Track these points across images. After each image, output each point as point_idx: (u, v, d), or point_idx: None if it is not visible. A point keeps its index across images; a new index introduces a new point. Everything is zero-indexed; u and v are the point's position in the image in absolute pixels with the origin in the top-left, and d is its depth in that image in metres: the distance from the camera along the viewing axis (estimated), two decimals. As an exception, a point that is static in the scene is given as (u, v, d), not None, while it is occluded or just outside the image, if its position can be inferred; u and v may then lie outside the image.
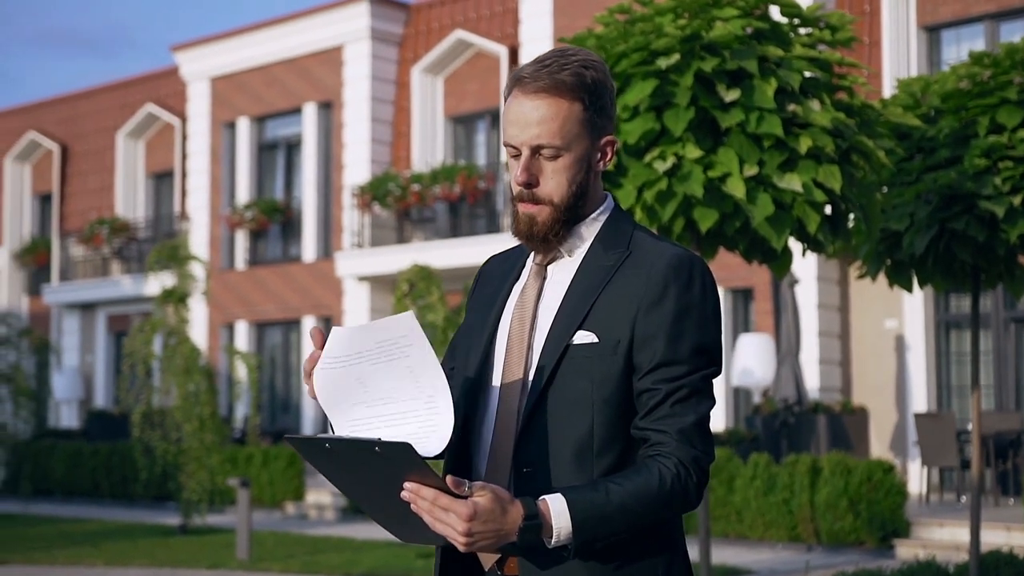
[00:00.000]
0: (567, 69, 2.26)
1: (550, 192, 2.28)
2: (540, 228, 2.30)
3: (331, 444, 2.05)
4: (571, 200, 2.30)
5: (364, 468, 2.06)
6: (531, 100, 2.25)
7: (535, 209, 2.29)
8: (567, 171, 2.28)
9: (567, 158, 2.27)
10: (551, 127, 2.25)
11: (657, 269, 2.25)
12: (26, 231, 27.45)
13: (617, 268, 2.28)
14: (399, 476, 2.04)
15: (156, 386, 15.58)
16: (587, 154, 2.30)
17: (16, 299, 27.24)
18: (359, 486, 2.13)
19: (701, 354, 2.23)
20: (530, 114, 2.25)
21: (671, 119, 6.16)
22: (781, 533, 13.06)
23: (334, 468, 2.12)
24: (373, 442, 2.00)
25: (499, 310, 2.39)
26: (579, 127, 2.27)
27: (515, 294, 2.39)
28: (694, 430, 2.21)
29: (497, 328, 2.38)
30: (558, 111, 2.25)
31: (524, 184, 2.28)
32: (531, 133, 2.25)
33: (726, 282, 16.99)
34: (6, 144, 27.76)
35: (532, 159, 2.28)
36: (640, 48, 6.24)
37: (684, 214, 6.30)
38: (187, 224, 23.52)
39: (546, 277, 2.36)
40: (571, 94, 2.25)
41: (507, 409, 2.29)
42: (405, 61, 21.44)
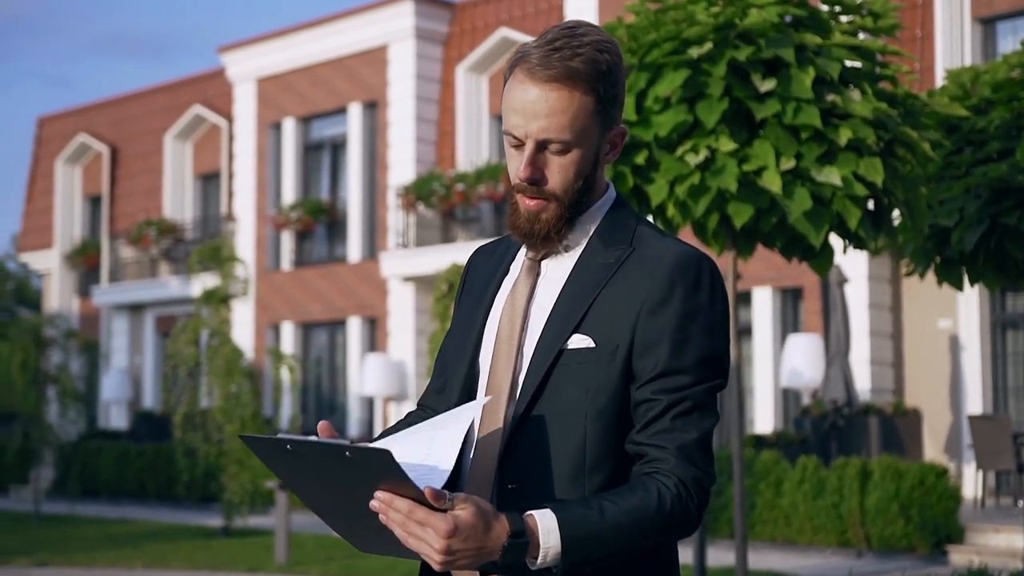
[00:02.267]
0: (580, 55, 2.02)
1: (555, 187, 2.07)
2: (543, 226, 2.08)
3: (293, 446, 1.86)
4: (576, 196, 2.09)
5: (330, 474, 1.87)
6: (539, 88, 2.02)
7: (539, 205, 2.08)
8: (574, 166, 2.06)
9: (576, 153, 2.06)
10: (560, 120, 2.02)
11: (661, 268, 2.03)
12: (77, 233, 27.63)
13: (618, 266, 2.07)
14: (370, 485, 1.84)
15: (198, 387, 15.53)
16: (596, 147, 2.09)
17: (67, 300, 27.43)
18: (321, 493, 1.94)
19: (707, 364, 2.02)
20: (538, 104, 2.01)
21: (704, 111, 5.93)
22: (830, 538, 12.75)
23: (295, 472, 1.93)
24: (344, 446, 1.81)
25: (487, 309, 2.18)
26: (590, 120, 2.05)
27: (504, 291, 2.18)
28: (696, 447, 1.99)
29: (484, 328, 2.17)
30: (569, 103, 2.01)
31: (529, 180, 2.06)
32: (538, 125, 2.02)
33: (775, 281, 16.68)
34: (57, 147, 27.96)
35: (537, 153, 2.05)
36: (671, 37, 6.02)
37: (718, 209, 6.07)
38: (233, 225, 23.54)
39: (540, 274, 2.14)
40: (584, 84, 2.02)
41: (492, 419, 2.08)
42: (450, 60, 21.29)
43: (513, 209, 2.12)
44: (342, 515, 1.94)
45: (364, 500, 1.85)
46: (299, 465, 1.90)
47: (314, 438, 1.86)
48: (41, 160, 28.64)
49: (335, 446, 1.81)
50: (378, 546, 1.95)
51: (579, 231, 2.12)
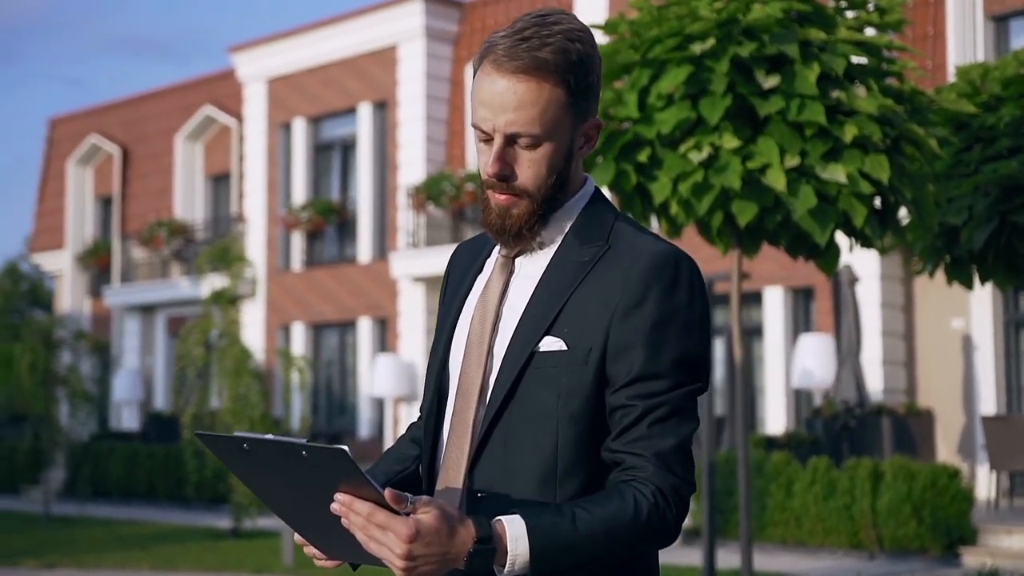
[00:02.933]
0: (549, 44, 1.93)
1: (526, 183, 1.98)
2: (514, 221, 2.00)
3: (249, 445, 1.79)
4: (549, 191, 2.00)
5: (288, 475, 1.80)
6: (506, 80, 1.93)
7: (509, 200, 1.99)
8: (546, 161, 1.97)
9: (547, 147, 1.97)
10: (529, 114, 1.93)
11: (637, 267, 1.95)
12: (88, 234, 27.66)
13: (593, 265, 1.98)
14: (329, 486, 1.77)
15: (207, 388, 15.49)
16: (569, 141, 2.00)
17: (79, 301, 27.45)
18: (282, 495, 1.87)
19: (685, 367, 1.94)
20: (505, 97, 1.93)
21: (707, 107, 5.85)
22: (842, 540, 12.64)
23: (254, 473, 1.86)
24: (300, 445, 1.73)
25: (460, 308, 2.11)
26: (561, 112, 1.96)
27: (477, 289, 2.10)
28: (674, 455, 1.91)
29: (456, 328, 2.09)
30: (538, 96, 1.93)
31: (497, 177, 1.98)
32: (506, 119, 1.94)
33: (785, 281, 16.57)
34: (68, 148, 28.00)
35: (506, 148, 1.97)
36: (674, 33, 5.94)
37: (722, 207, 5.99)
38: (244, 226, 23.52)
39: (513, 271, 2.06)
40: (554, 76, 1.93)
41: (461, 423, 2.01)
42: (460, 59, 21.23)
43: (484, 205, 2.04)
44: (305, 518, 1.87)
45: (325, 502, 1.78)
46: (258, 465, 1.83)
47: (270, 436, 1.79)
48: (52, 161, 28.68)
49: (292, 444, 1.74)
50: (342, 551, 1.88)
51: (554, 227, 2.04)
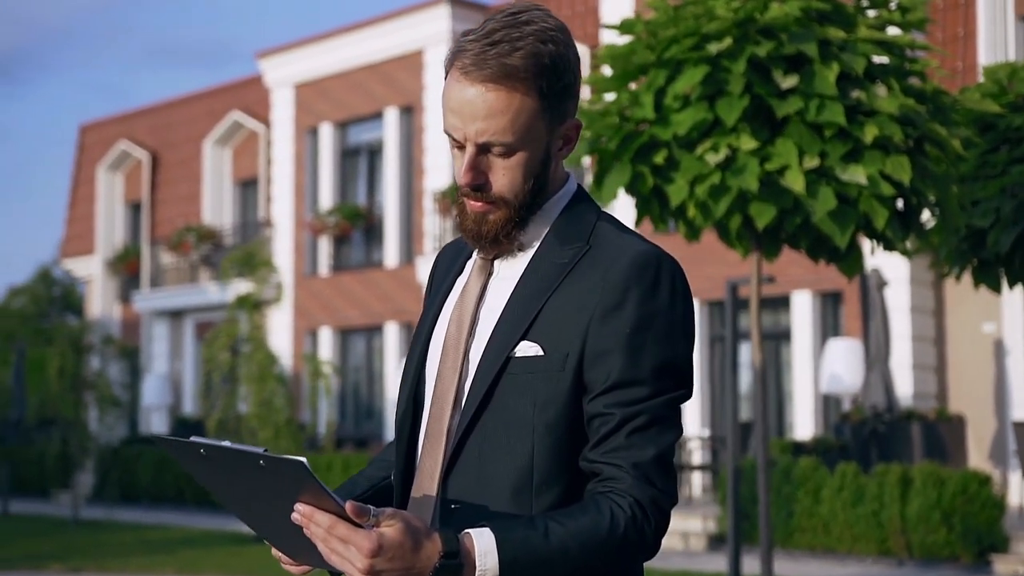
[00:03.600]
0: (520, 49, 1.84)
1: (502, 191, 1.91)
2: (491, 227, 1.93)
3: (207, 451, 1.74)
4: (527, 197, 1.93)
5: (247, 483, 1.75)
6: (475, 88, 1.85)
7: (485, 208, 1.92)
8: (521, 168, 1.90)
9: (521, 155, 1.89)
10: (500, 122, 1.85)
11: (616, 269, 1.86)
12: (118, 239, 27.79)
13: (572, 267, 1.90)
14: (289, 496, 1.72)
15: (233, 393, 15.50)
16: (545, 146, 1.92)
17: (109, 306, 27.58)
18: (243, 499, 1.82)
19: (666, 374, 1.86)
20: (475, 105, 1.85)
21: (724, 108, 5.76)
22: (870, 547, 12.49)
23: (212, 476, 1.82)
24: (257, 455, 1.67)
25: (438, 310, 2.04)
26: (536, 119, 1.88)
27: (456, 291, 2.03)
28: (653, 466, 1.83)
29: (433, 332, 2.02)
30: (509, 103, 1.85)
31: (471, 186, 1.91)
32: (476, 128, 1.86)
33: (813, 285, 16.42)
34: (99, 153, 28.15)
35: (479, 156, 1.90)
36: (691, 33, 5.86)
37: (740, 210, 5.90)
38: (271, 231, 23.56)
39: (491, 273, 1.99)
40: (525, 83, 1.85)
41: (436, 431, 1.93)
42: (486, 63, 21.17)
43: (459, 210, 1.97)
44: (270, 525, 1.82)
45: (287, 511, 1.73)
46: (217, 471, 1.79)
47: (227, 443, 1.73)
48: (83, 167, 28.85)
49: (249, 454, 1.69)
50: (310, 558, 1.81)
51: (534, 228, 1.96)
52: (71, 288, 32.17)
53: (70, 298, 33.19)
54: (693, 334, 1.92)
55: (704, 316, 17.87)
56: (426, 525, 1.74)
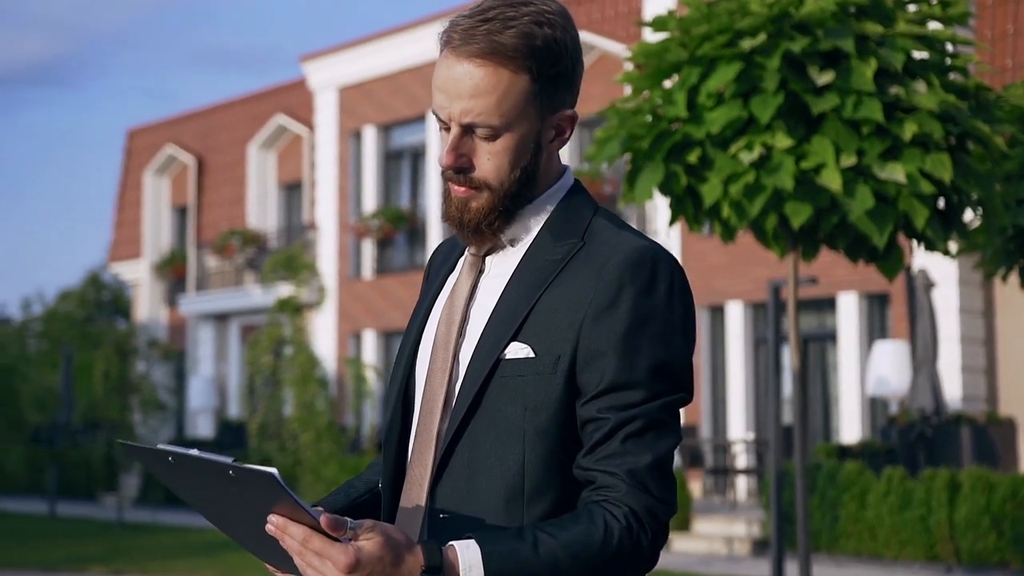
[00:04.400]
0: (512, 27, 1.76)
1: (485, 176, 1.82)
2: (473, 215, 1.84)
3: (175, 459, 1.67)
4: (513, 187, 1.83)
5: (218, 491, 1.69)
6: (462, 65, 1.77)
7: (468, 193, 1.84)
8: (507, 154, 1.81)
9: (508, 139, 1.81)
10: (486, 102, 1.77)
11: (610, 266, 1.77)
12: (165, 243, 27.98)
13: (565, 264, 1.81)
14: (262, 506, 1.65)
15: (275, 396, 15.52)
16: (535, 134, 1.83)
17: (156, 310, 27.77)
18: (217, 508, 1.75)
19: (662, 376, 1.76)
20: (461, 82, 1.77)
21: (758, 106, 5.64)
22: (918, 552, 12.28)
23: (185, 485, 1.76)
24: (226, 464, 1.60)
25: (428, 309, 1.95)
26: (524, 103, 1.79)
27: (447, 289, 1.95)
28: (649, 473, 1.73)
29: (424, 332, 1.94)
30: (496, 83, 1.77)
31: (452, 169, 1.82)
32: (461, 107, 1.78)
33: (859, 286, 16.19)
34: (146, 158, 28.37)
35: (463, 138, 1.81)
36: (724, 29, 5.74)
37: (775, 209, 5.77)
38: (315, 234, 23.61)
39: (482, 271, 1.90)
40: (514, 63, 1.77)
41: (425, 437, 1.85)
42: (529, 65, 21.10)
43: (445, 196, 1.89)
44: (247, 534, 1.75)
45: (259, 521, 1.66)
46: (187, 479, 1.72)
47: (195, 451, 1.66)
48: (130, 172, 29.08)
49: (218, 463, 1.61)
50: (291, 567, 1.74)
51: (526, 223, 1.87)
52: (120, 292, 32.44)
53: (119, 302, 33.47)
54: (693, 335, 1.82)
55: (748, 318, 17.69)
56: (408, 537, 1.67)
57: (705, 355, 18.20)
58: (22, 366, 24.58)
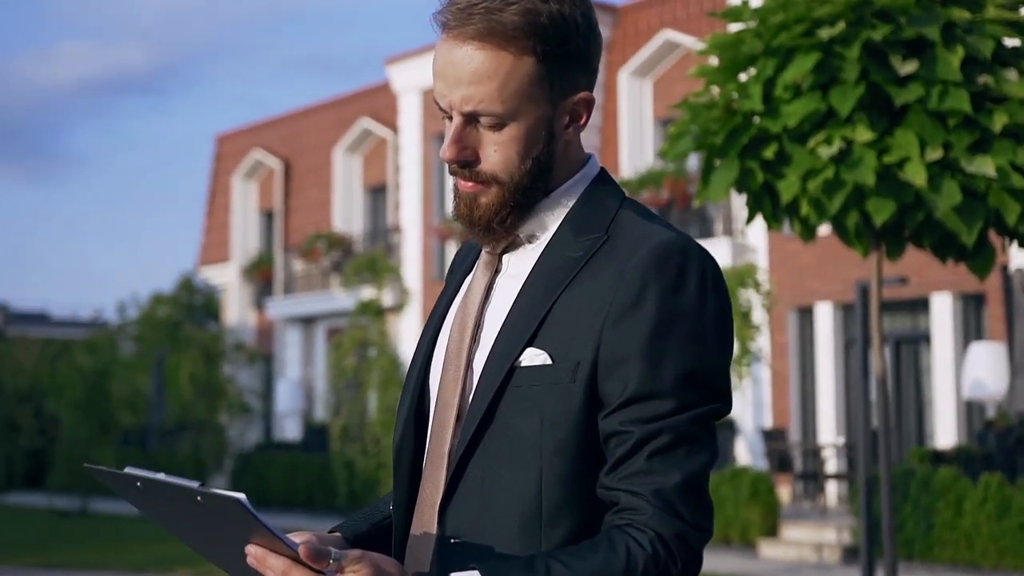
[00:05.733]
0: (512, 4, 1.60)
1: (493, 169, 1.65)
2: (483, 213, 1.67)
3: (143, 484, 1.56)
4: (525, 180, 1.66)
5: (190, 515, 1.57)
6: (461, 48, 1.61)
7: (476, 188, 1.67)
8: (516, 144, 1.64)
9: (515, 128, 1.64)
10: (488, 89, 1.61)
11: (634, 262, 1.59)
12: (252, 247, 28.24)
13: (587, 260, 1.63)
14: (236, 532, 1.52)
15: (359, 399, 15.51)
16: (546, 121, 1.66)
17: (244, 314, 28.04)
18: (192, 532, 1.63)
19: (694, 384, 1.57)
20: (460, 68, 1.61)
21: (838, 98, 5.39)
22: (1018, 561, 11.84)
23: (155, 509, 1.64)
24: (193, 489, 1.48)
25: (443, 312, 1.79)
26: (531, 87, 1.62)
27: (463, 291, 1.78)
28: (679, 493, 1.54)
29: (438, 337, 1.77)
30: (497, 66, 1.60)
31: (455, 162, 1.66)
32: (461, 94, 1.62)
33: (954, 286, 15.71)
34: (234, 163, 28.66)
35: (466, 128, 1.65)
36: (801, 18, 5.50)
37: (856, 206, 5.51)
38: (399, 236, 23.63)
39: (498, 270, 1.73)
40: (516, 43, 1.60)
41: (437, 454, 1.69)
42: (612, 64, 20.89)
43: (454, 193, 1.72)
44: (226, 559, 1.62)
45: (236, 546, 1.52)
46: (158, 504, 1.61)
47: (162, 475, 1.53)
48: (219, 176, 29.42)
49: (185, 489, 1.48)
50: None
51: (544, 218, 1.70)
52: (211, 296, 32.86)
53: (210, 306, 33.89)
54: (729, 337, 1.63)
55: (838, 319, 17.29)
56: (401, 570, 1.50)
57: (794, 357, 17.83)
58: (115, 369, 24.97)
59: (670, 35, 19.74)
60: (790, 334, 17.80)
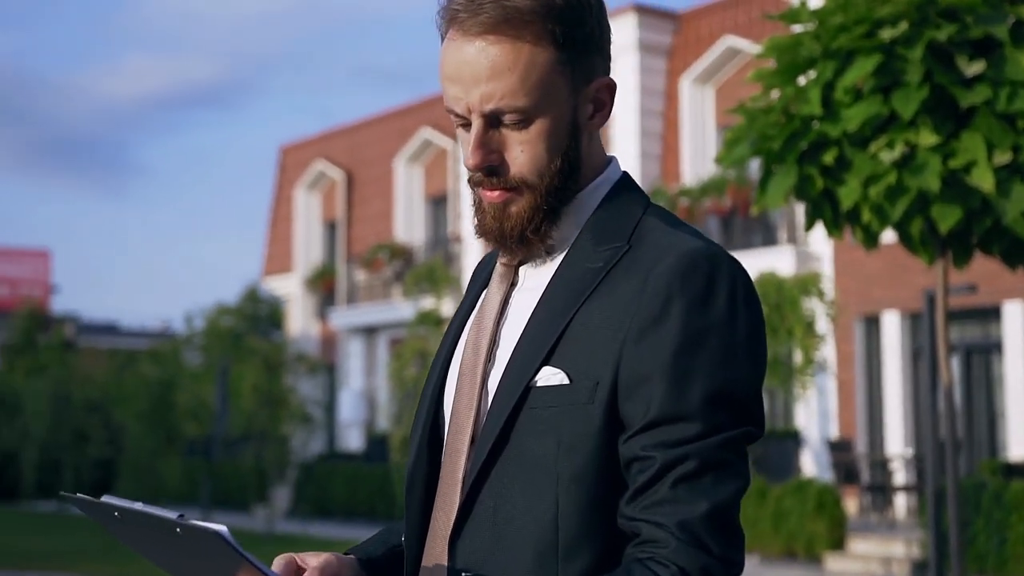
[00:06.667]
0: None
1: (523, 172, 1.52)
2: (515, 223, 1.54)
3: (121, 514, 1.48)
4: (556, 180, 1.53)
5: (171, 546, 1.49)
6: (473, 44, 1.49)
7: (505, 196, 1.54)
8: (544, 141, 1.52)
9: (541, 123, 1.51)
10: (509, 82, 1.49)
11: (658, 272, 1.46)
12: (316, 258, 28.37)
13: (607, 271, 1.51)
14: (220, 565, 1.43)
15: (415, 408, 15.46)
16: (571, 111, 1.54)
17: (308, 324, 28.15)
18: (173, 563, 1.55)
19: (722, 405, 1.44)
20: (476, 64, 1.49)
21: (900, 100, 5.21)
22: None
23: (131, 537, 1.56)
24: (173, 521, 1.40)
25: (458, 329, 1.67)
26: (553, 75, 1.50)
27: (479, 306, 1.66)
28: (706, 525, 1.40)
29: (453, 356, 1.65)
30: (516, 57, 1.49)
31: (480, 170, 1.53)
32: (480, 93, 1.50)
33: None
34: (297, 174, 28.82)
35: (488, 130, 1.52)
36: (862, 19, 5.32)
37: (920, 212, 5.33)
38: (460, 246, 23.59)
39: (515, 283, 1.61)
40: (532, 28, 1.48)
41: (449, 480, 1.57)
42: (674, 72, 20.70)
43: (476, 207, 1.59)
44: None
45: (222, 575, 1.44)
46: (139, 533, 1.52)
47: (140, 505, 1.44)
48: (283, 187, 29.59)
49: (164, 520, 1.40)
50: None
51: (565, 225, 1.57)
52: (276, 306, 33.08)
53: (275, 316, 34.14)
54: (761, 355, 1.49)
55: (905, 328, 16.95)
56: None
57: (860, 367, 17.52)
58: (180, 380, 25.17)
59: (732, 41, 19.52)
60: (856, 343, 17.49)
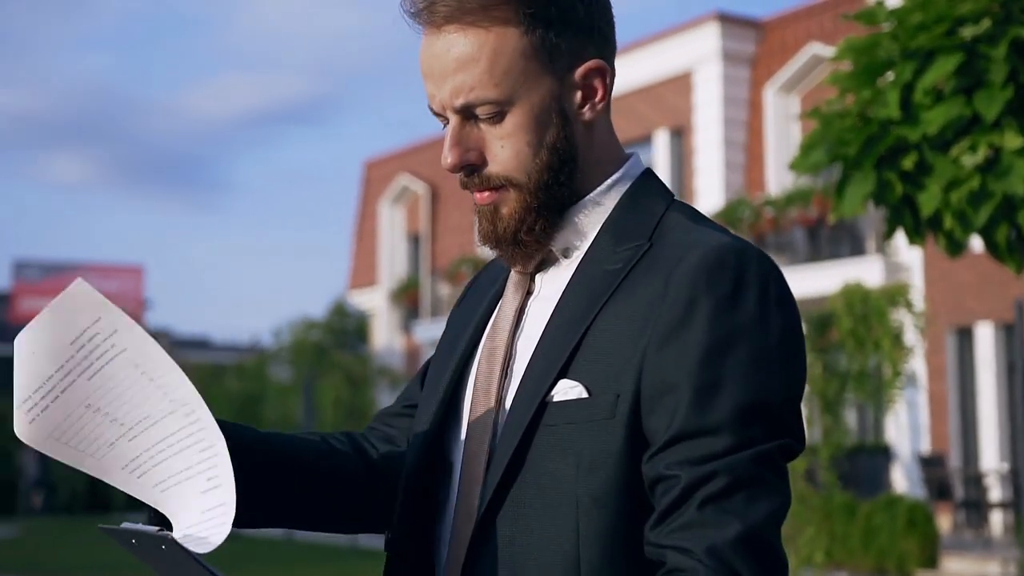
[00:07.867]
0: None
1: (505, 169, 1.42)
2: (506, 224, 1.43)
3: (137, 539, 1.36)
4: (545, 175, 1.42)
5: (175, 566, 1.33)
6: (440, 37, 1.40)
7: (492, 197, 1.43)
8: (523, 133, 1.40)
9: (518, 115, 1.40)
10: (475, 73, 1.38)
11: (680, 271, 1.33)
12: (400, 271, 28.49)
13: (627, 273, 1.38)
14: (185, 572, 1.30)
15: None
16: (553, 99, 1.41)
17: (392, 337, 28.26)
18: None
19: (754, 417, 1.29)
20: (443, 58, 1.40)
21: (983, 101, 4.99)
22: None
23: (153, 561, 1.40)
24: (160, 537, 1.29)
25: (472, 339, 1.54)
26: (525, 61, 1.39)
27: (494, 317, 1.54)
28: (737, 549, 1.25)
29: (466, 367, 1.52)
30: (480, 44, 1.38)
31: (459, 170, 1.43)
32: (450, 87, 1.40)
33: None
34: (381, 188, 28.99)
35: (464, 127, 1.42)
36: (942, 17, 5.11)
37: (1006, 218, 5.09)
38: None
39: (530, 292, 1.49)
40: (494, 14, 1.38)
41: (466, 501, 1.44)
42: (758, 81, 20.42)
43: (476, 211, 1.49)
44: None
45: None
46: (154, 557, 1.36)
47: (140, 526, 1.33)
48: (368, 202, 29.78)
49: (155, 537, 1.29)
50: None
51: (579, 226, 1.45)
52: (363, 320, 33.29)
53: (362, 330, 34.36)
54: (799, 361, 1.35)
55: (1000, 340, 16.47)
56: None
57: (953, 380, 17.05)
58: (267, 393, 25.38)
59: (817, 48, 19.19)
60: (948, 356, 17.04)
